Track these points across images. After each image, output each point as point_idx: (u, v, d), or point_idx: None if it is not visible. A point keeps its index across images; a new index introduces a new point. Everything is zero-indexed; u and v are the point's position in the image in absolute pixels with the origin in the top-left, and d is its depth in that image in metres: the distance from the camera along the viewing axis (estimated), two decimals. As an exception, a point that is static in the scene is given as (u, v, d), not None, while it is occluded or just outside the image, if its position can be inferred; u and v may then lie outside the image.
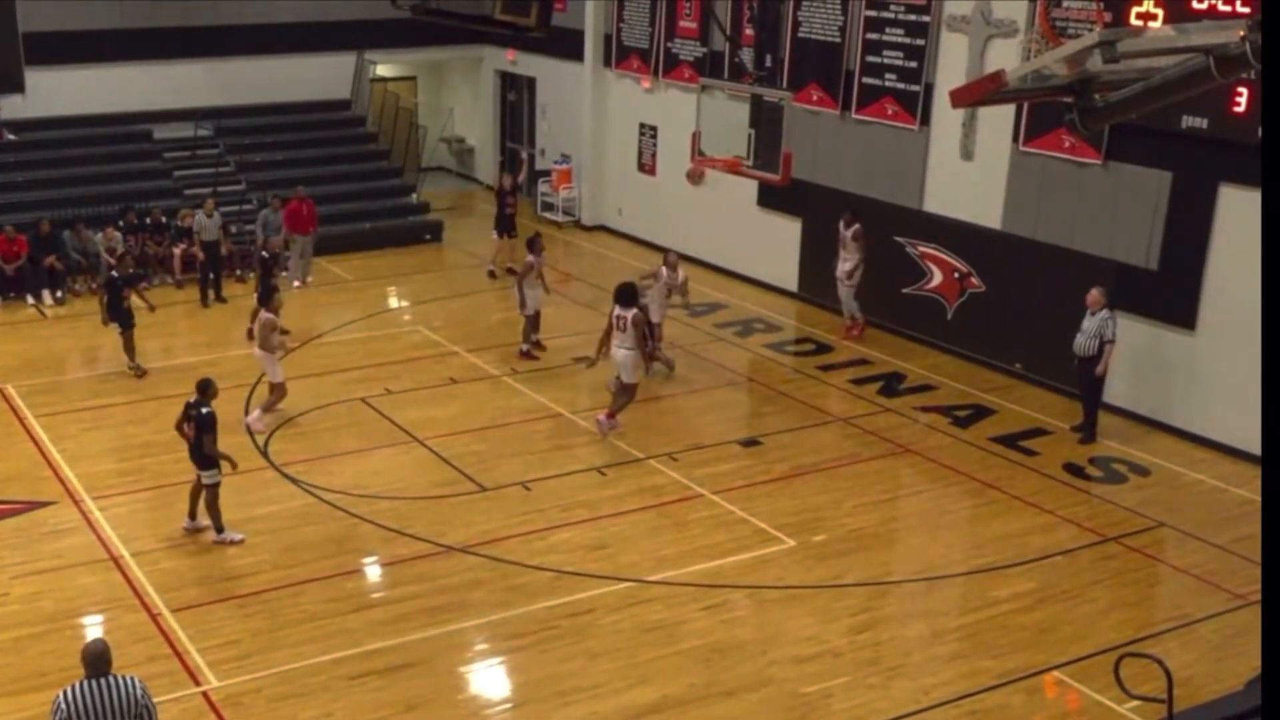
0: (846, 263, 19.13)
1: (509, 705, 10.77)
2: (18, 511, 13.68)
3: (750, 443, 15.73)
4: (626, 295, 15.75)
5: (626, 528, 13.52)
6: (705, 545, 13.18)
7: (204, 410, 12.75)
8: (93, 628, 11.73)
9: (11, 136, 23.73)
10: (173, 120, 25.08)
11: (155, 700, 10.39)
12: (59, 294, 20.76)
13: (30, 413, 16.18)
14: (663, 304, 17.87)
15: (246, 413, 15.79)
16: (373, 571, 12.84)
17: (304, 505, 13.93)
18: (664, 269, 17.84)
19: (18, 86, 24.03)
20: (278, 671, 10.92)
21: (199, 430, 12.74)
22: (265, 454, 15.03)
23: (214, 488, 12.92)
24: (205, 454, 12.76)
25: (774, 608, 12.05)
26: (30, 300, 20.54)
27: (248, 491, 14.10)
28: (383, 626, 11.62)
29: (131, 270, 17.92)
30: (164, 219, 21.84)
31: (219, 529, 13.04)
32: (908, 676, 10.95)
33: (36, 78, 24.09)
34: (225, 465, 12.96)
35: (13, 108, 23.85)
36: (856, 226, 19.19)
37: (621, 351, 15.67)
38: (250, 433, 15.44)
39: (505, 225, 22.32)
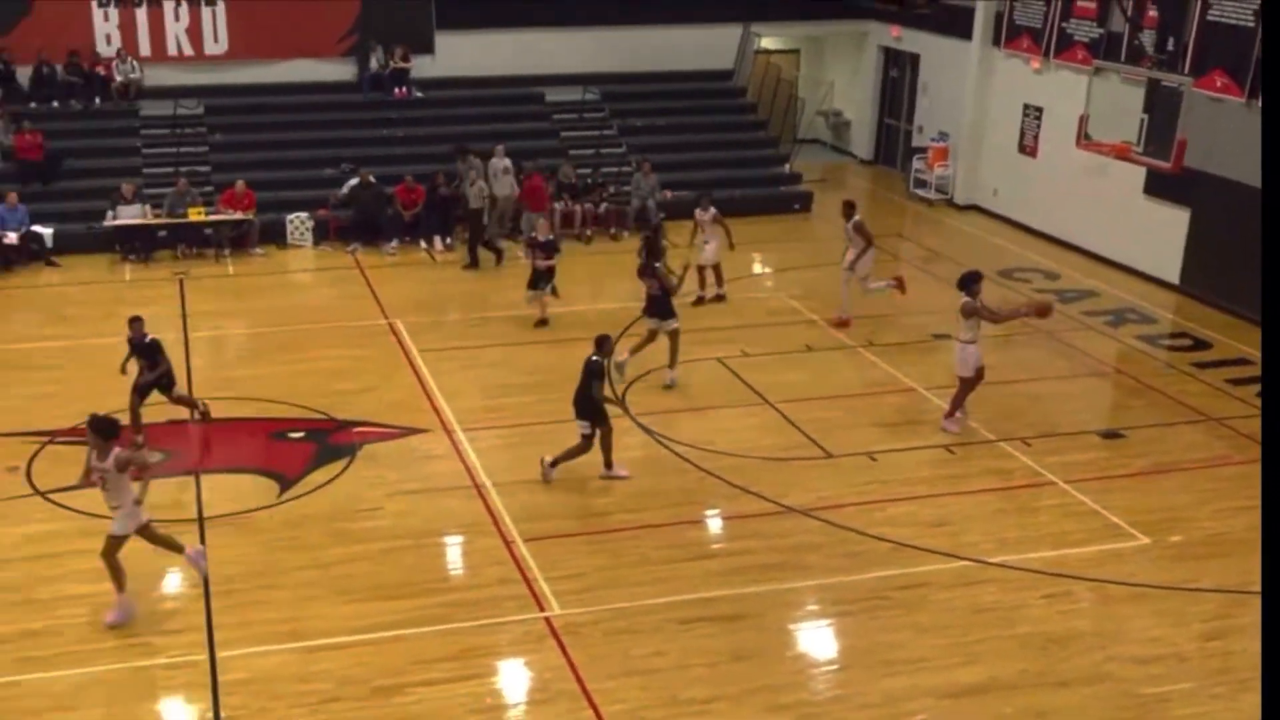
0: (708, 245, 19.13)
1: (834, 667, 10.76)
2: (397, 436, 14.85)
3: (1111, 434, 14.99)
4: (969, 281, 14.86)
5: (970, 507, 13.21)
6: (1051, 533, 12.69)
7: (593, 359, 13.47)
8: (453, 547, 12.63)
9: (419, 94, 25.65)
10: (564, 84, 26.36)
11: (503, 620, 11.16)
12: (448, 240, 22.30)
13: (415, 348, 17.49)
14: None
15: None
16: (714, 524, 13.13)
17: (655, 455, 14.38)
18: None
19: (428, 48, 25.96)
20: (615, 608, 11.37)
21: (588, 378, 13.42)
22: (623, 404, 15.60)
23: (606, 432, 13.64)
24: (593, 400, 13.43)
25: (1119, 604, 11.46)
26: (423, 245, 22.16)
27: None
28: (718, 577, 11.88)
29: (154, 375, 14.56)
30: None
31: (608, 464, 13.75)
32: (1259, 691, 10.17)
33: (444, 41, 25.95)
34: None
35: (422, 67, 25.77)
36: (713, 210, 19.16)
37: (967, 347, 14.82)
38: (611, 384, 16.07)
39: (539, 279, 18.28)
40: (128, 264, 21.24)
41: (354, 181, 22.51)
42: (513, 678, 10.61)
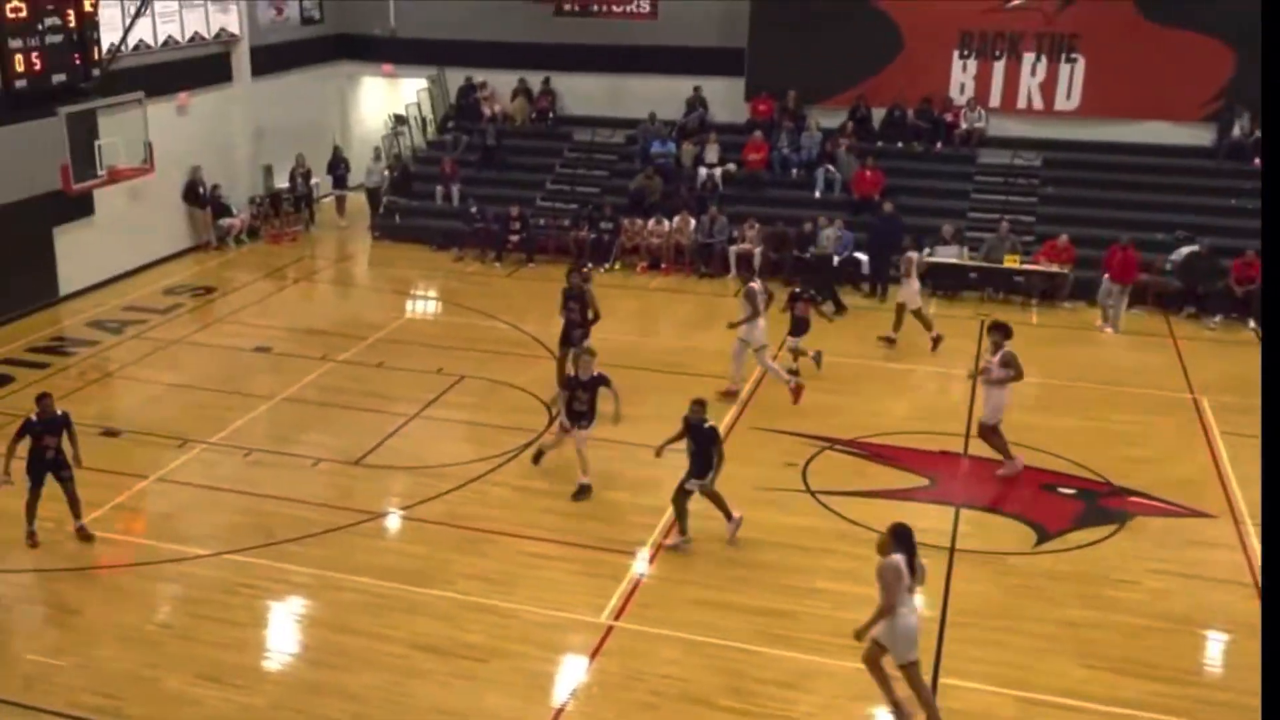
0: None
1: None
2: (1174, 514, 14.20)
3: None
4: None
5: None
6: None
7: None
8: (1213, 641, 11.85)
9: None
10: None
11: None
12: None
13: (1217, 428, 16.58)
14: None
15: None
16: None
17: None
18: None
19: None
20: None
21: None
22: None
23: None
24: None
25: None
26: (1251, 324, 20.83)
27: None
28: None
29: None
30: None
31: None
32: None
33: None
34: None
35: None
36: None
37: None
38: None
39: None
40: (933, 298, 22.37)
41: (1188, 249, 21.84)
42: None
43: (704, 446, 13.13)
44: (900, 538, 10.07)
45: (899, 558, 9.98)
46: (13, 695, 10.76)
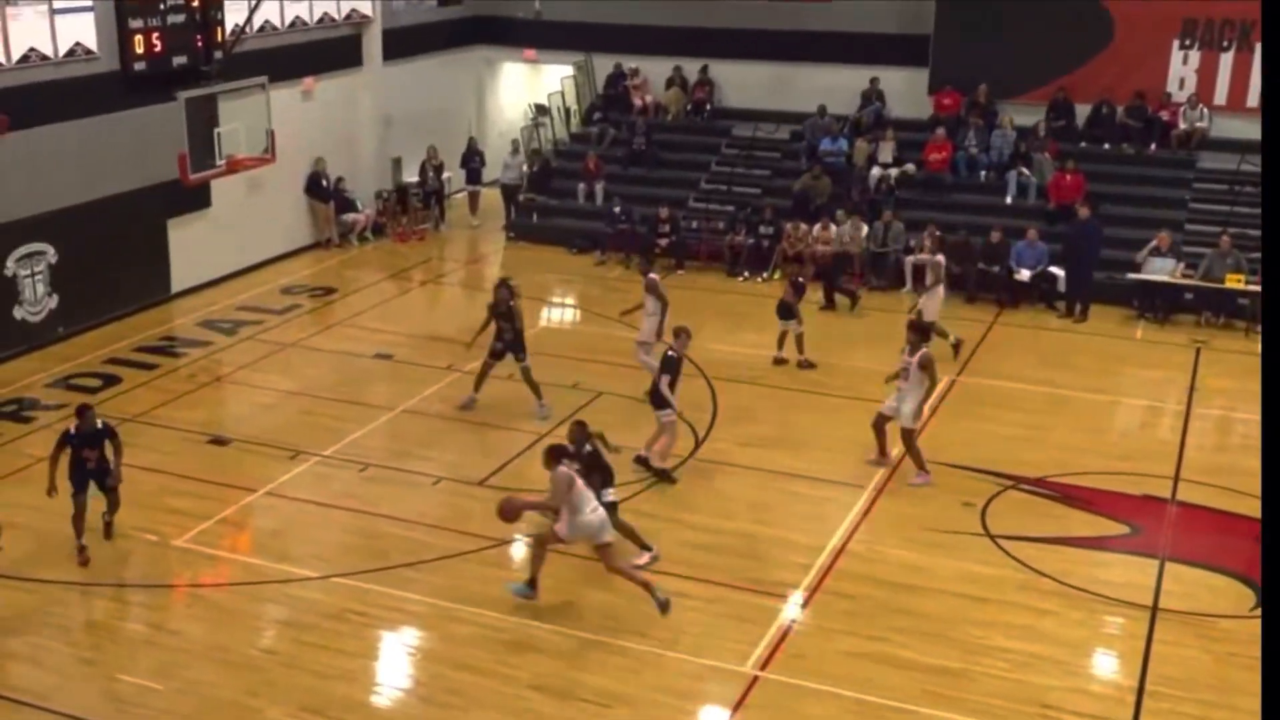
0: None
1: None
2: None
3: None
4: None
5: None
6: None
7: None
8: None
9: None
10: None
11: None
12: None
13: None
14: None
15: None
16: None
17: None
18: None
19: None
20: None
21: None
22: None
23: None
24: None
25: None
26: None
27: None
28: None
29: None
30: None
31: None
32: None
33: None
34: None
35: None
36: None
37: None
38: None
39: None
40: (1142, 321, 21.87)
41: None
42: None
43: (593, 467, 13.61)
44: (555, 454, 12.47)
45: (572, 469, 12.41)
46: (103, 718, 11.11)
